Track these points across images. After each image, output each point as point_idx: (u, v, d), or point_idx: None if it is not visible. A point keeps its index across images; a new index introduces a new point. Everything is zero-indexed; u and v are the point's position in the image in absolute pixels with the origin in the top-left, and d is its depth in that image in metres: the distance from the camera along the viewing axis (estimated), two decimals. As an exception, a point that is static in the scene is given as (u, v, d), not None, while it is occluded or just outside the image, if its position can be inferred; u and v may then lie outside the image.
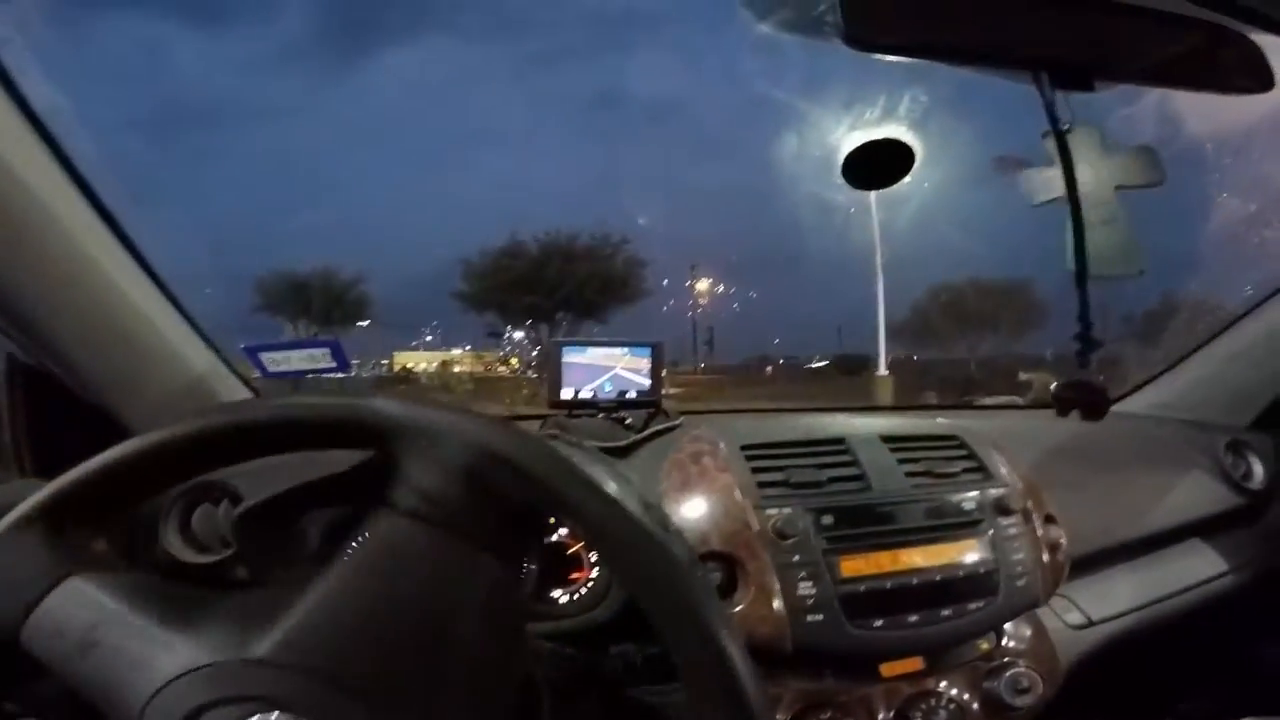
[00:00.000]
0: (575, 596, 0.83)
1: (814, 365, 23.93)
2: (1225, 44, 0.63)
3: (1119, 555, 1.12)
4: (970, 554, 0.82)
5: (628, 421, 0.99)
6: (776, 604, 0.75)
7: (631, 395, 0.98)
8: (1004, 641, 0.89)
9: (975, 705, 0.84)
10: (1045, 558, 0.86)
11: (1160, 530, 1.15)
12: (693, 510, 0.82)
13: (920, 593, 0.79)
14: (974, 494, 0.85)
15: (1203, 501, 1.20)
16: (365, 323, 19.42)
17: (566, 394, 0.98)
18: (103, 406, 0.78)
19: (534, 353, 18.46)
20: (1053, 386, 0.80)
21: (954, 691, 0.83)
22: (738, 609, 0.75)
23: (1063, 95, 0.67)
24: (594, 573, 0.84)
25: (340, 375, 1.06)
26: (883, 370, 14.30)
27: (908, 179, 0.91)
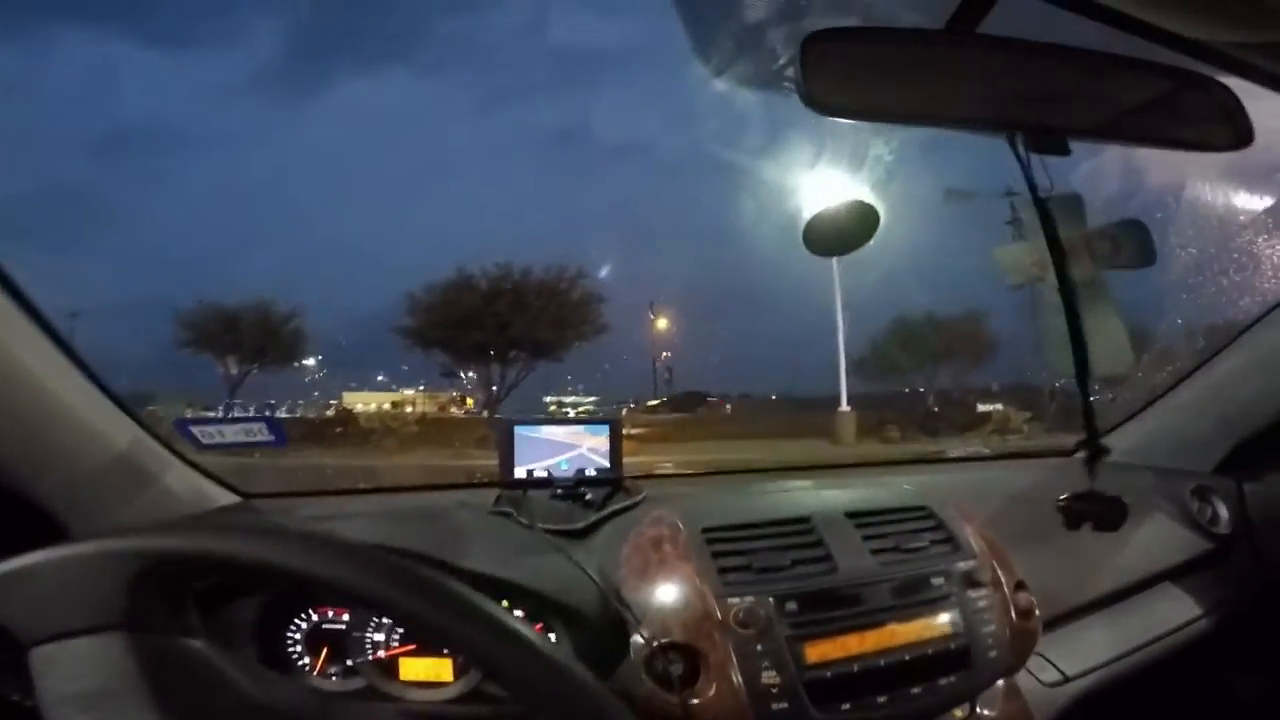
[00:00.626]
0: None
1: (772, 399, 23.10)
2: (1201, 92, 0.62)
3: (1092, 608, 1.11)
4: (940, 630, 0.80)
5: (588, 498, 0.96)
6: (739, 695, 0.72)
7: (590, 472, 0.96)
8: (978, 709, 0.86)
9: None
10: (1016, 625, 0.84)
11: (1133, 582, 1.14)
12: (653, 598, 0.79)
13: (889, 673, 0.76)
14: (942, 568, 0.84)
15: (1173, 548, 1.20)
16: (312, 360, 18.47)
17: (520, 472, 0.95)
18: (15, 492, 0.74)
19: (493, 390, 16.80)
20: (1060, 499, 0.79)
21: None
22: (697, 700, 0.72)
23: (1039, 160, 0.65)
24: None
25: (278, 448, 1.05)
26: (844, 406, 13.83)
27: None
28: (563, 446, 0.95)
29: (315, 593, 0.64)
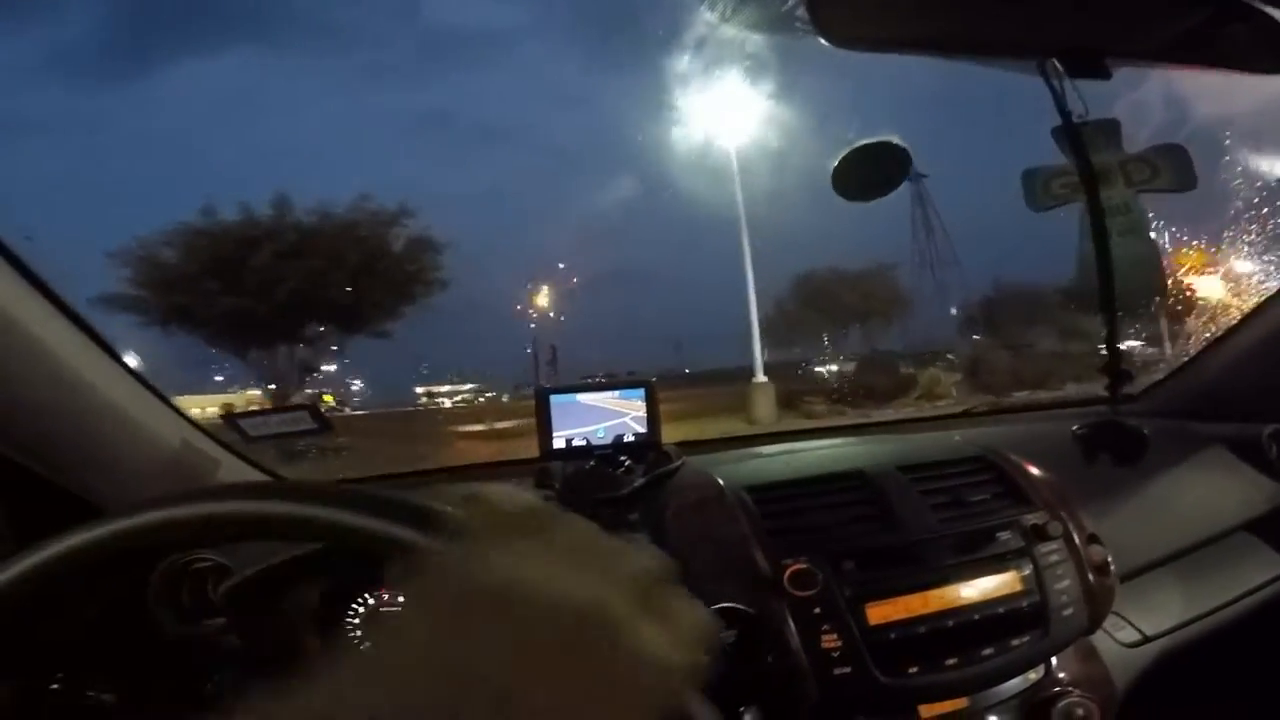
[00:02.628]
0: None
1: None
2: (1239, 19, 0.57)
3: (1166, 563, 1.04)
4: (1010, 588, 0.75)
5: (626, 464, 0.93)
6: (799, 659, 0.69)
7: (629, 438, 0.92)
8: (1054, 672, 0.81)
9: None
10: (1092, 581, 0.78)
11: (1210, 535, 1.07)
12: (702, 564, 0.75)
13: (957, 633, 0.72)
14: (1008, 522, 0.78)
15: (1254, 500, 1.11)
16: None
17: (558, 442, 0.92)
18: (71, 489, 0.74)
19: (304, 380, 11.73)
20: (1074, 429, 0.74)
21: None
22: (755, 667, 0.68)
23: (1073, 85, 0.61)
24: None
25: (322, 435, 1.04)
26: (760, 377, 10.97)
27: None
28: (599, 413, 0.92)
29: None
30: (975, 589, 0.74)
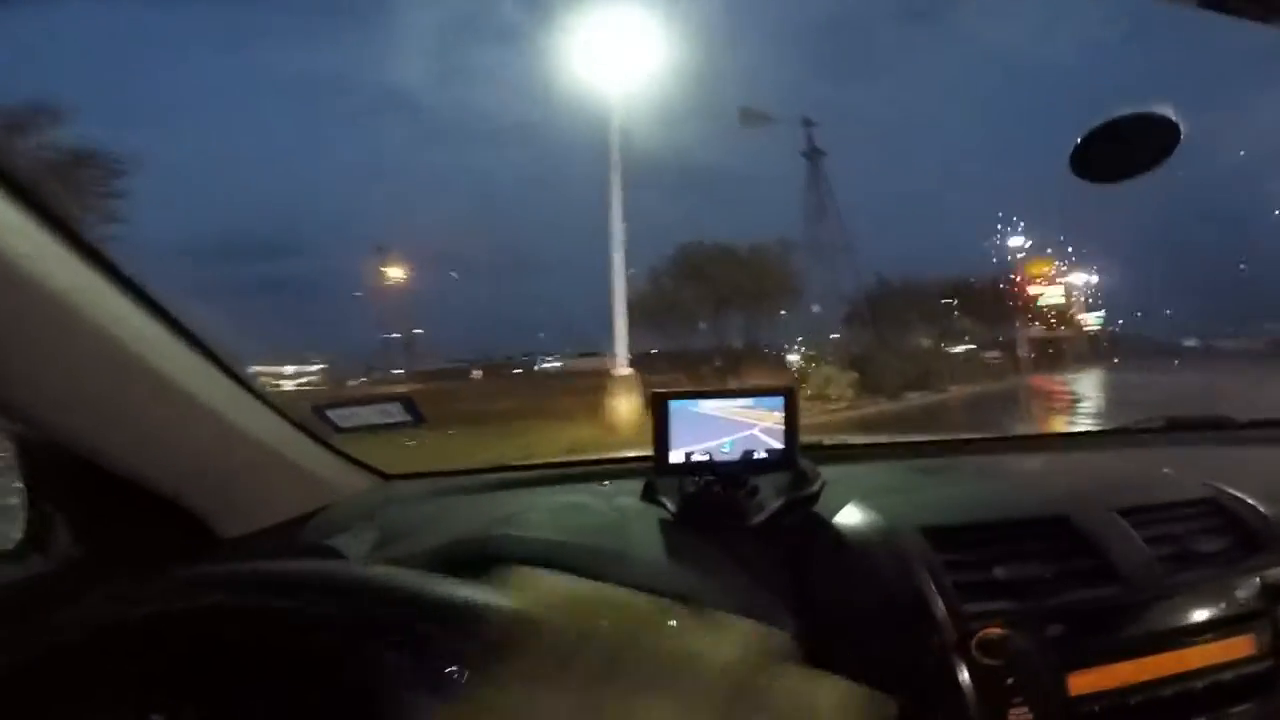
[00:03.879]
0: None
1: (548, 366, 19.46)
2: None
3: None
4: (1241, 652, 0.64)
5: (753, 486, 0.79)
6: None
7: (760, 455, 0.78)
8: None
9: None
10: None
11: None
12: (860, 624, 0.64)
13: (1172, 704, 0.62)
14: (1247, 577, 0.67)
15: None
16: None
17: (676, 456, 0.77)
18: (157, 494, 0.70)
19: None
20: None
21: None
22: None
23: None
24: None
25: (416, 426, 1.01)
26: (623, 368, 8.35)
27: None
28: (726, 425, 0.77)
29: None
30: (1201, 655, 0.63)
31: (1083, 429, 1.22)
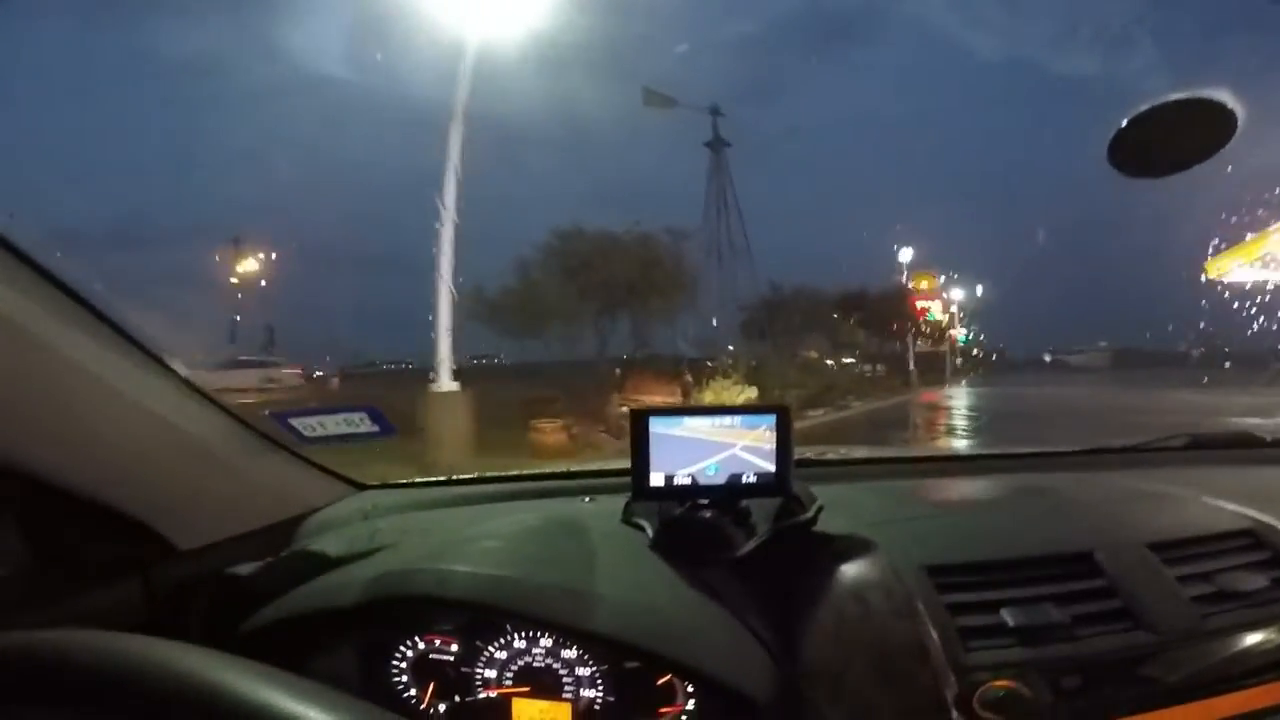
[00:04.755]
0: None
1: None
2: None
3: None
4: (1276, 700, 0.57)
5: (743, 508, 0.73)
6: None
7: (749, 478, 0.71)
8: None
9: None
10: None
11: None
12: (855, 671, 0.57)
13: None
14: None
15: None
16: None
17: (656, 479, 0.71)
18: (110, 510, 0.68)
19: None
20: None
21: None
22: None
23: None
24: (688, 705, 0.64)
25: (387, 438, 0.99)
26: (446, 382, 6.46)
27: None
28: (711, 446, 0.70)
29: None
30: (1237, 703, 0.57)
31: (1094, 446, 1.10)
